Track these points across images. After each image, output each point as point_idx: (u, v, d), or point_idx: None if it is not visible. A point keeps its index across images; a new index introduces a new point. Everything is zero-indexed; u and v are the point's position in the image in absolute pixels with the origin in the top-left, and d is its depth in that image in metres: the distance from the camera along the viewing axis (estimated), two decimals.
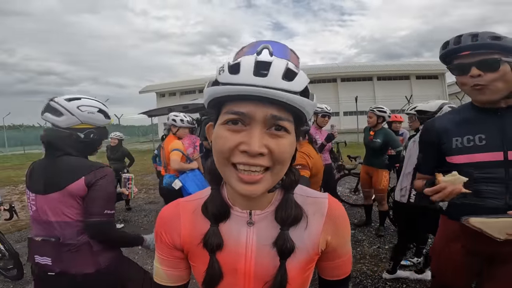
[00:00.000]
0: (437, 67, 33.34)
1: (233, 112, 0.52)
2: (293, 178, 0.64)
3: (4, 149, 27.00)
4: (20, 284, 2.94)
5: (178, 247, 0.66)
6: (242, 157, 0.52)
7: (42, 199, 1.36)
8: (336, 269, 0.70)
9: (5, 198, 7.11)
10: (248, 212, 0.63)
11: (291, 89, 0.51)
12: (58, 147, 1.38)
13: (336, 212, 0.66)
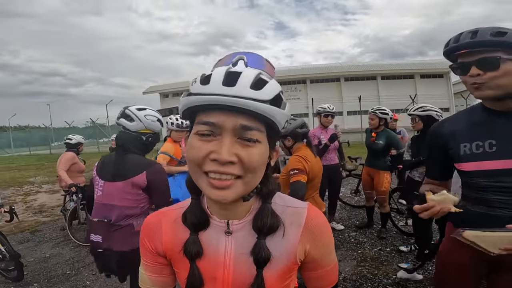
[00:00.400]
0: (441, 66, 33.07)
1: (204, 122, 0.53)
2: (270, 188, 0.64)
3: (10, 150, 27.30)
4: (21, 285, 2.95)
5: (161, 254, 0.68)
6: (212, 165, 0.52)
7: (109, 186, 1.73)
8: (319, 279, 0.69)
9: (10, 199, 7.19)
10: (225, 222, 0.64)
11: (259, 98, 0.51)
12: (127, 146, 1.75)
13: (314, 222, 0.65)
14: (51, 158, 17.92)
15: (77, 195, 3.98)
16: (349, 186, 6.01)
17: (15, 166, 15.37)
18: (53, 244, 4.05)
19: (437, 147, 1.28)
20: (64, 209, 4.46)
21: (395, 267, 2.89)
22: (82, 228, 4.43)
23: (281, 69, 41.08)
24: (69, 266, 3.33)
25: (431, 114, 2.80)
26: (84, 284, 2.93)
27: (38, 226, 4.89)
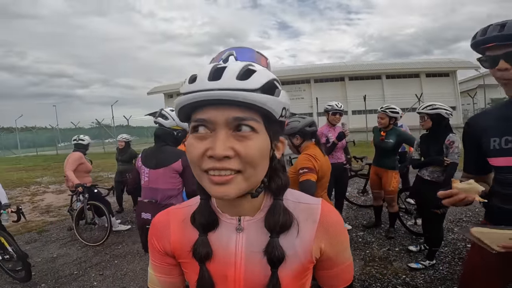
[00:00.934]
0: (447, 65, 32.80)
1: (196, 120, 0.53)
2: (280, 183, 0.61)
3: (16, 151, 27.58)
4: (28, 285, 2.96)
5: (170, 254, 0.66)
6: (210, 162, 0.51)
7: (154, 172, 2.19)
8: (334, 278, 0.67)
9: (17, 199, 7.25)
10: (237, 218, 0.62)
11: (246, 88, 0.49)
12: (163, 139, 2.22)
13: (329, 219, 0.63)
14: (58, 159, 18.08)
15: (84, 195, 3.99)
16: (356, 185, 5.96)
17: (22, 166, 15.53)
18: (60, 244, 4.06)
19: (470, 141, 1.27)
20: (71, 209, 4.49)
21: (405, 267, 2.86)
22: (89, 228, 4.45)
23: (284, 68, 41.02)
24: (76, 266, 3.34)
25: (440, 112, 2.76)
26: (91, 284, 2.93)
27: (45, 226, 4.92)
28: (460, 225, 3.84)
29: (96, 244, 3.87)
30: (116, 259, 3.48)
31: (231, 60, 0.56)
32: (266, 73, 0.53)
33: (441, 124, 2.79)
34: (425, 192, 2.85)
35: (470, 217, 4.10)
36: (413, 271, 2.78)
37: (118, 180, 5.35)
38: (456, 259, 2.97)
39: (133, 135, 31.38)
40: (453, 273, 2.71)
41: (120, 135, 5.56)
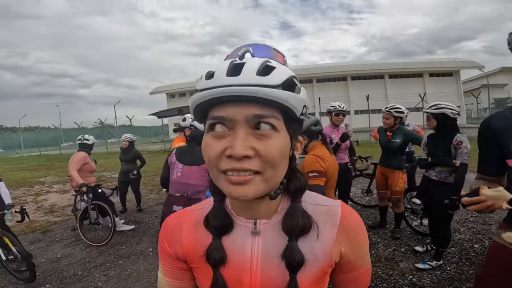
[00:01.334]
0: (451, 64, 32.62)
1: (213, 118, 0.50)
2: (299, 185, 0.59)
3: (20, 151, 27.74)
4: (33, 286, 2.95)
5: (181, 258, 0.64)
6: (228, 162, 0.49)
7: (187, 169, 2.44)
8: (353, 282, 0.65)
9: (20, 199, 7.27)
10: (253, 222, 0.60)
11: (267, 83, 0.47)
12: (197, 140, 2.44)
13: (350, 222, 0.61)
14: (61, 158, 18.15)
15: (88, 195, 3.99)
16: (359, 185, 5.93)
17: (26, 166, 15.58)
18: (64, 244, 4.06)
19: (488, 142, 1.25)
20: (75, 209, 4.48)
21: (411, 268, 2.83)
22: (93, 228, 4.45)
23: None
24: (80, 266, 3.33)
25: (446, 112, 2.72)
26: (96, 285, 2.92)
27: (49, 226, 4.92)
28: (466, 225, 3.80)
29: (100, 244, 3.87)
30: (120, 259, 3.48)
31: (248, 57, 0.54)
32: (285, 70, 0.51)
33: (447, 124, 2.76)
34: (433, 192, 2.82)
35: (476, 217, 4.06)
36: (420, 272, 2.75)
37: (122, 180, 5.34)
38: (463, 259, 2.94)
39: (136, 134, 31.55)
40: (460, 273, 2.68)
41: (124, 135, 5.54)
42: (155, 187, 7.59)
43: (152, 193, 7.06)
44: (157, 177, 9.00)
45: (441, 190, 2.74)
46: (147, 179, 8.98)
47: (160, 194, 6.79)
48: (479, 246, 3.20)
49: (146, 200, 6.34)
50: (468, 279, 2.57)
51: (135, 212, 5.40)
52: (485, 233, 3.52)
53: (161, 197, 6.48)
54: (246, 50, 0.56)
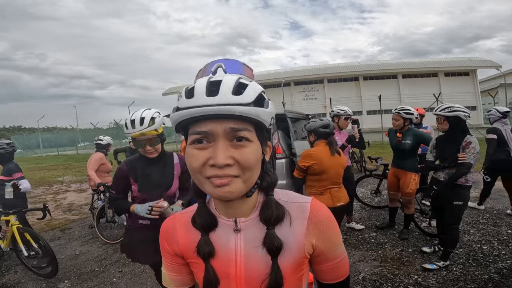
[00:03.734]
0: (467, 64, 31.83)
1: (197, 132, 0.57)
2: (270, 181, 0.67)
3: (38, 151, 28.62)
4: (52, 282, 3.10)
5: (179, 255, 0.73)
6: (212, 170, 0.56)
7: None
8: (329, 272, 0.71)
9: (40, 197, 7.57)
10: (233, 220, 0.67)
11: (241, 102, 0.55)
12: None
13: (319, 216, 0.68)
14: (78, 158, 18.68)
15: (105, 194, 4.17)
16: (370, 186, 5.93)
17: (44, 166, 16.12)
18: (82, 241, 4.24)
19: None
20: (92, 208, 4.68)
21: (417, 268, 2.86)
22: (109, 226, 4.63)
23: (297, 69, 40.83)
24: (97, 263, 3.49)
25: (459, 115, 2.69)
26: (111, 281, 3.06)
27: (67, 224, 5.14)
28: (476, 227, 3.78)
29: (116, 242, 4.03)
30: None
31: (221, 73, 0.61)
32: (256, 87, 0.59)
33: (459, 127, 2.73)
34: (442, 194, 2.81)
35: (487, 219, 4.03)
36: (425, 272, 2.77)
37: None
38: (470, 260, 2.94)
39: None
40: (466, 274, 2.70)
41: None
42: None
43: None
44: None
45: (450, 191, 2.74)
46: None
47: None
48: (487, 247, 3.19)
49: None
50: (473, 280, 2.59)
51: None
52: (494, 234, 3.50)
53: None
54: (218, 65, 0.63)
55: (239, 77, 0.58)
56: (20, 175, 3.47)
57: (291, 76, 36.13)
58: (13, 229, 3.16)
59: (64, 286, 2.99)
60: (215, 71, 0.62)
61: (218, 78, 0.57)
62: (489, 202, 4.76)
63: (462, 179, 2.70)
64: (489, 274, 2.66)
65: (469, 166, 2.62)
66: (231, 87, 0.56)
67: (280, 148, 4.31)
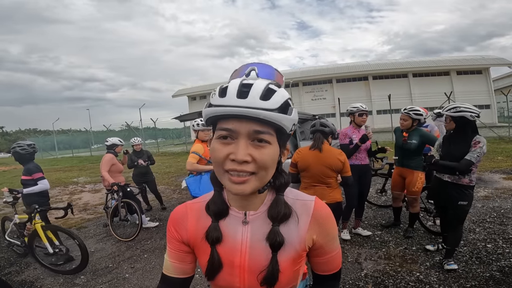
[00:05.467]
0: (479, 62, 31.16)
1: (223, 129, 0.63)
2: (283, 181, 0.73)
3: (54, 153, 29.40)
4: (69, 278, 3.25)
5: (185, 242, 0.78)
6: (231, 164, 0.63)
7: None
8: (325, 264, 0.79)
9: (56, 198, 7.85)
10: (243, 213, 0.74)
11: (267, 107, 0.61)
12: None
13: (320, 213, 0.75)
14: (92, 160, 19.14)
15: (118, 193, 4.36)
16: (376, 186, 5.96)
17: (60, 167, 16.56)
18: (97, 239, 4.43)
19: None
20: (106, 207, 4.87)
21: (420, 265, 2.91)
22: (122, 225, 4.82)
23: (305, 69, 40.63)
24: (110, 260, 3.65)
25: (465, 115, 2.66)
26: (123, 276, 3.20)
27: (83, 223, 5.35)
28: (482, 225, 3.79)
29: (128, 240, 4.19)
30: (146, 253, 3.77)
31: (253, 75, 0.67)
32: (283, 94, 0.64)
33: (466, 127, 2.72)
34: (446, 193, 2.82)
35: (494, 218, 4.03)
36: (427, 269, 2.82)
37: (138, 182, 5.57)
38: (473, 258, 2.98)
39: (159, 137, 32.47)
40: (468, 271, 2.74)
41: (135, 138, 5.77)
42: (177, 187, 7.94)
43: (175, 192, 7.42)
44: (180, 177, 9.38)
45: (454, 191, 2.76)
46: (170, 179, 9.38)
47: (182, 194, 7.13)
48: (492, 246, 3.21)
49: (170, 199, 6.70)
50: (475, 277, 2.63)
51: (159, 211, 5.75)
52: (500, 233, 3.51)
53: (183, 196, 6.81)
54: (252, 68, 0.68)
55: (269, 83, 0.64)
56: (39, 175, 3.61)
57: (299, 76, 36.01)
58: (36, 227, 3.31)
59: (80, 282, 3.15)
60: (249, 73, 0.67)
61: (250, 81, 0.63)
62: (498, 201, 4.75)
63: (466, 179, 2.71)
64: (490, 272, 2.69)
65: (468, 163, 2.61)
66: (260, 92, 0.61)
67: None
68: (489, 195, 5.11)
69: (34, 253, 3.43)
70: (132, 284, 3.02)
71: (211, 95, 0.66)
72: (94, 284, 3.08)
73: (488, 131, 14.82)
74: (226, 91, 0.63)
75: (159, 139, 30.54)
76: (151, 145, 27.45)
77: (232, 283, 0.74)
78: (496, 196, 5.02)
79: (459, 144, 2.75)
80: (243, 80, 0.64)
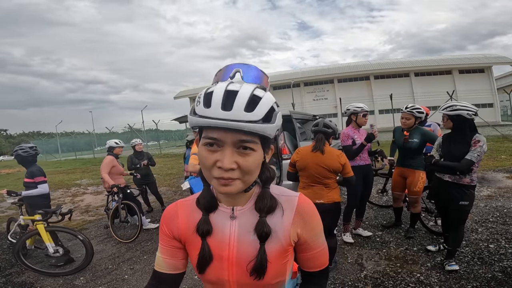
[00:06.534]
0: (481, 60, 31.01)
1: (209, 137, 0.66)
2: (268, 175, 0.77)
3: (57, 155, 29.56)
4: (69, 278, 3.26)
5: (177, 238, 0.81)
6: (219, 172, 0.65)
7: None
8: (311, 260, 0.81)
9: (59, 199, 7.90)
10: (231, 208, 0.77)
11: (252, 119, 0.62)
12: None
13: (304, 208, 0.78)
14: (95, 162, 19.22)
15: (119, 195, 4.37)
16: (377, 186, 5.93)
17: (63, 169, 16.63)
18: (98, 241, 4.44)
19: None
20: (107, 209, 4.88)
21: (421, 266, 2.88)
22: (122, 226, 4.82)
23: (306, 69, 40.63)
24: (110, 261, 3.66)
25: (461, 113, 2.65)
26: (123, 277, 3.20)
27: (85, 225, 5.38)
28: (485, 225, 3.75)
29: (129, 241, 4.20)
30: (145, 254, 3.77)
31: (238, 77, 0.68)
32: (268, 101, 0.65)
33: (464, 125, 2.70)
34: (446, 193, 2.79)
35: (497, 217, 3.99)
36: (428, 270, 2.80)
37: (139, 183, 5.58)
38: (475, 259, 2.94)
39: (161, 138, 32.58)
40: (469, 272, 2.71)
41: (135, 140, 5.79)
42: (179, 189, 7.95)
43: (176, 194, 7.43)
44: (182, 179, 9.38)
45: (455, 191, 2.73)
46: (172, 181, 9.40)
47: (183, 195, 7.13)
48: (494, 246, 3.17)
49: (171, 200, 6.69)
50: (476, 278, 2.59)
51: (159, 212, 5.75)
52: (503, 233, 3.47)
53: (184, 197, 6.80)
54: (236, 71, 0.68)
55: (255, 88, 0.65)
56: (41, 179, 3.62)
57: (300, 76, 36.02)
58: (38, 227, 3.32)
59: (80, 283, 3.16)
60: (233, 75, 0.68)
61: (235, 88, 0.63)
62: (501, 200, 4.70)
63: (467, 178, 2.68)
64: (492, 273, 2.66)
65: (468, 163, 2.59)
66: (245, 103, 0.62)
67: (287, 149, 4.39)
68: (492, 194, 5.06)
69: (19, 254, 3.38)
70: (131, 285, 3.02)
71: (196, 102, 0.66)
72: (93, 285, 3.09)
73: (491, 130, 14.71)
74: (211, 100, 0.63)
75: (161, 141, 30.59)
76: (153, 147, 27.53)
77: (221, 276, 0.76)
78: (499, 196, 4.97)
79: (459, 144, 2.72)
80: (228, 85, 0.64)
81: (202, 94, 0.66)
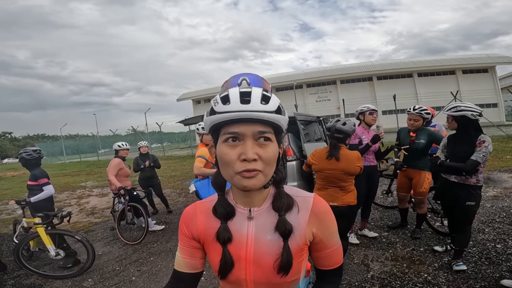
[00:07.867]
0: (485, 60, 30.84)
1: (230, 132, 0.69)
2: (281, 176, 0.80)
3: (62, 157, 29.78)
4: (77, 280, 3.29)
5: (196, 238, 0.83)
6: (242, 165, 0.68)
7: None
8: (325, 259, 0.83)
9: (65, 202, 7.95)
10: (248, 209, 0.79)
11: (268, 110, 0.69)
12: None
13: (319, 208, 0.80)
14: (99, 164, 19.33)
15: (125, 197, 4.40)
16: (384, 187, 5.92)
17: (68, 172, 16.77)
18: (104, 243, 4.47)
19: None
20: (113, 211, 4.92)
21: (428, 266, 2.88)
22: (129, 228, 4.85)
23: (309, 71, 40.60)
24: (118, 263, 3.68)
25: (466, 114, 2.64)
26: (130, 279, 3.22)
27: (91, 227, 5.41)
28: (492, 225, 3.74)
29: (135, 243, 4.23)
30: (152, 256, 3.80)
31: (245, 84, 0.75)
32: (276, 99, 0.72)
33: (469, 126, 2.69)
34: (453, 194, 2.79)
35: (503, 218, 3.97)
36: (435, 270, 2.79)
37: (144, 185, 5.62)
38: (483, 259, 2.93)
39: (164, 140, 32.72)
40: (477, 272, 2.70)
41: (142, 142, 5.85)
42: (183, 191, 7.97)
43: (181, 196, 7.45)
44: (186, 181, 9.42)
45: (461, 191, 2.72)
46: (176, 183, 9.43)
47: (187, 197, 7.16)
48: (501, 246, 3.16)
49: (175, 202, 6.73)
50: (484, 278, 2.59)
51: (165, 214, 5.79)
52: (510, 233, 3.46)
53: (189, 199, 6.84)
54: (243, 78, 0.77)
55: (263, 89, 0.71)
56: (44, 181, 3.64)
57: (303, 78, 36.02)
58: (38, 230, 3.35)
59: (88, 284, 3.18)
60: (241, 82, 0.76)
61: (247, 89, 0.70)
62: (507, 201, 4.68)
63: (473, 179, 2.67)
64: (500, 273, 2.65)
65: (474, 163, 2.58)
66: (260, 97, 0.69)
67: (291, 151, 4.40)
68: (498, 195, 5.04)
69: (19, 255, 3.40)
70: (139, 287, 3.03)
71: (213, 104, 0.72)
72: (101, 286, 3.11)
73: (496, 130, 14.61)
74: (228, 98, 0.69)
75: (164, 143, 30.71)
76: (157, 149, 27.61)
77: (239, 275, 0.78)
78: (506, 196, 4.95)
79: (464, 144, 2.71)
80: (240, 88, 0.70)
81: (217, 97, 0.72)
